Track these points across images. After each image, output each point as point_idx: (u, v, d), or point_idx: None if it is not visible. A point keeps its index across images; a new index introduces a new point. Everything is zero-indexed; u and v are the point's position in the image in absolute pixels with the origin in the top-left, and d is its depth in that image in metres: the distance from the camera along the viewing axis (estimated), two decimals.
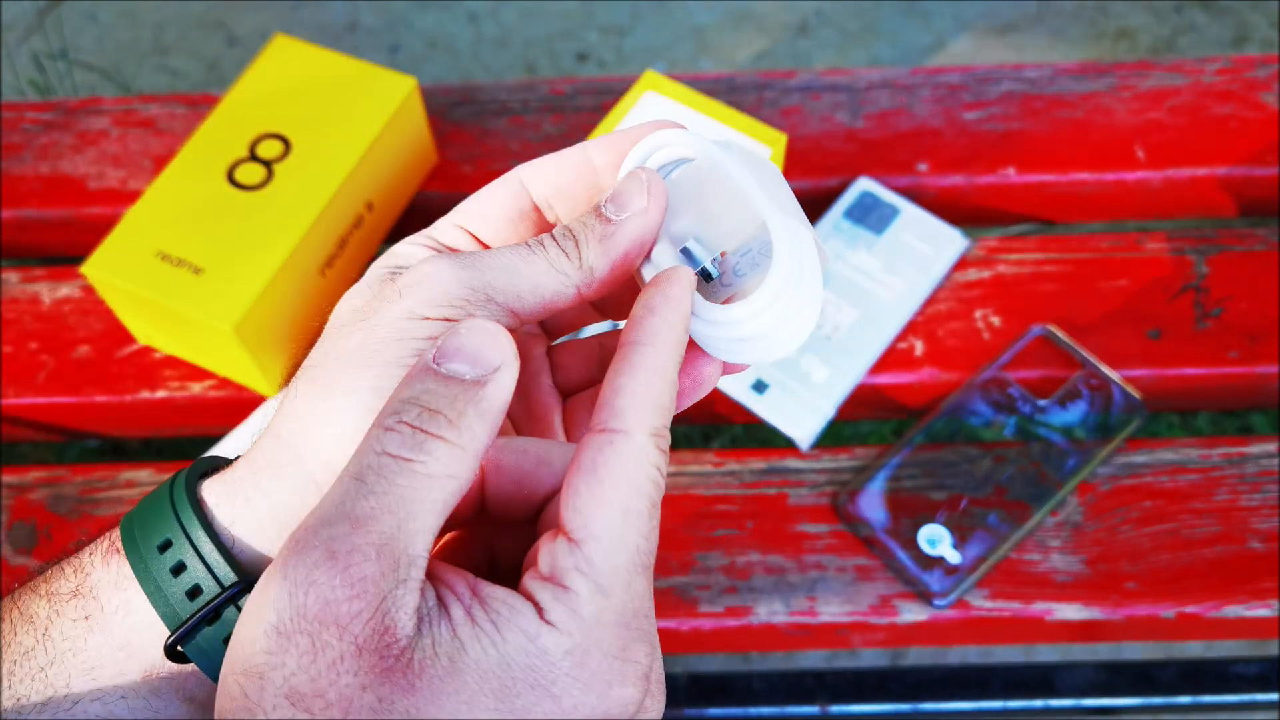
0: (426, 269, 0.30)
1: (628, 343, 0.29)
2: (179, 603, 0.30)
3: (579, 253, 0.31)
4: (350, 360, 0.30)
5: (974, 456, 0.60)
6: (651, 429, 0.28)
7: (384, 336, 0.29)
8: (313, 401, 0.30)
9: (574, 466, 0.28)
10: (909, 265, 0.65)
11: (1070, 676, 0.68)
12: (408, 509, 0.26)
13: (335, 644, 0.25)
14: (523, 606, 0.26)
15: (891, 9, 1.56)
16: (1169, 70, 0.73)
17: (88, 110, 0.76)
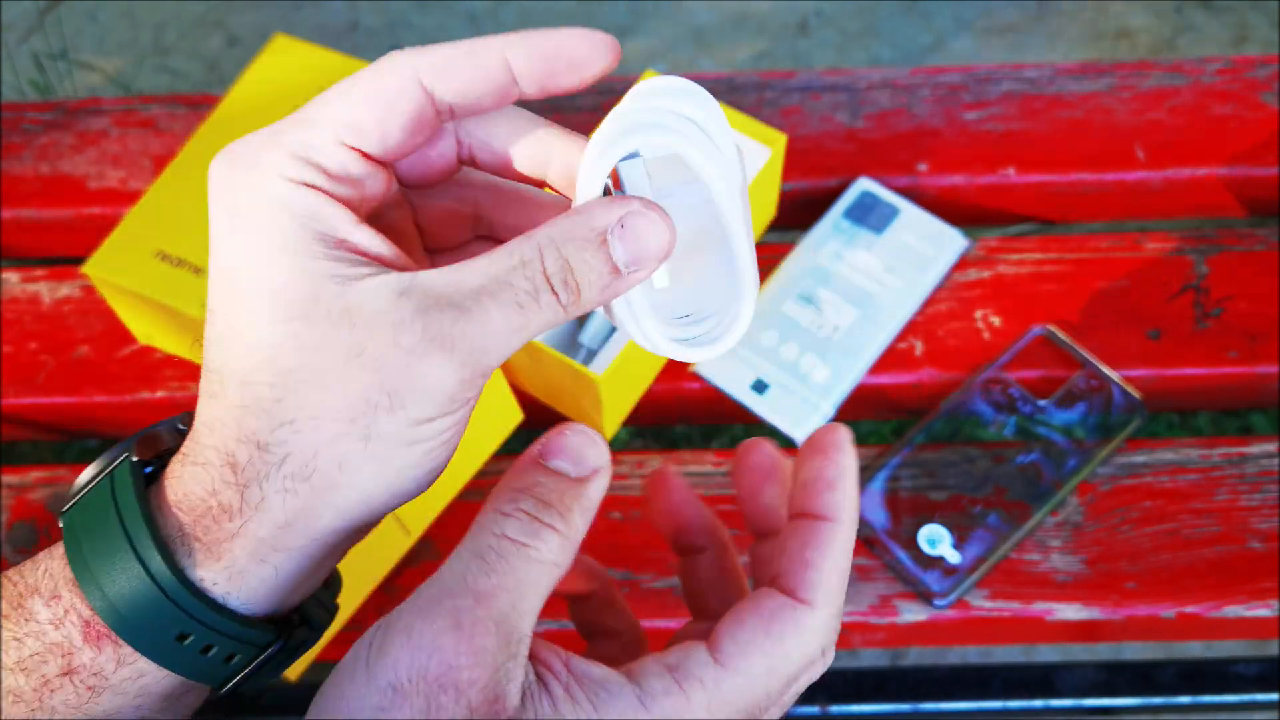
0: (426, 377, 0.27)
1: (816, 515, 0.31)
2: (217, 667, 0.30)
3: (579, 300, 0.29)
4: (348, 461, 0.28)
5: (974, 456, 0.60)
6: (836, 609, 0.30)
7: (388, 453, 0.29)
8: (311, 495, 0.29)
9: (752, 608, 0.30)
10: (909, 265, 0.65)
11: (1070, 676, 0.68)
12: (520, 590, 0.28)
13: (451, 706, 0.26)
14: (619, 689, 0.28)
15: (891, 9, 1.56)
16: (1169, 70, 0.73)
17: (88, 110, 0.76)
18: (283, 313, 0.28)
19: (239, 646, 0.30)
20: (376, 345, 0.27)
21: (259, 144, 0.29)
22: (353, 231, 0.29)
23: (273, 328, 0.28)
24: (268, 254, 0.28)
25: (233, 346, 0.28)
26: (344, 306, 0.27)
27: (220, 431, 0.28)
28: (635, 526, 0.60)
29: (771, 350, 0.63)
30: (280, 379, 0.28)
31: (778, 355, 0.63)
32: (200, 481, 0.29)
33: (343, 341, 0.27)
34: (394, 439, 0.28)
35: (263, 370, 0.28)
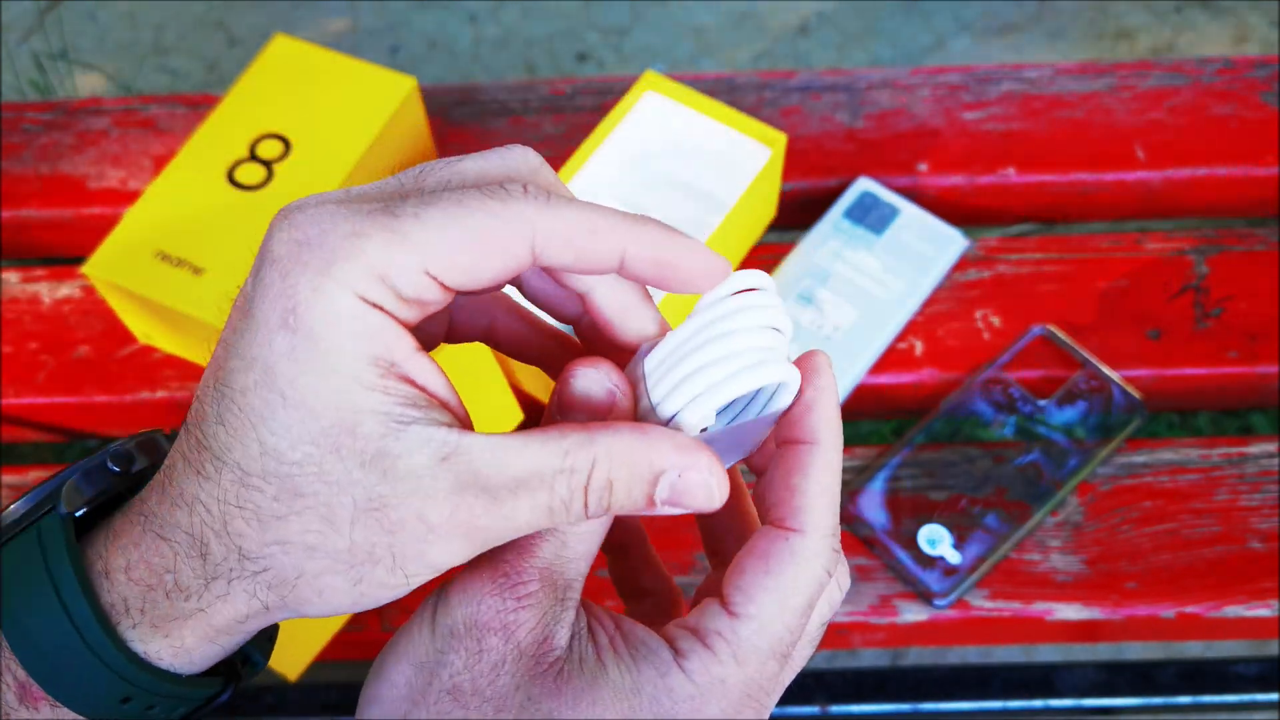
0: (439, 555, 0.27)
1: (796, 440, 0.31)
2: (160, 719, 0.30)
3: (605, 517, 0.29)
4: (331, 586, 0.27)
5: (974, 456, 0.60)
6: (828, 530, 0.30)
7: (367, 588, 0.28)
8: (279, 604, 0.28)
9: (748, 550, 0.30)
10: (909, 265, 0.65)
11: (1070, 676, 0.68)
12: (563, 541, 0.29)
13: (500, 646, 0.29)
14: (659, 646, 0.30)
15: (891, 9, 1.56)
16: (1169, 70, 0.73)
17: (88, 110, 0.76)
18: (314, 435, 0.26)
19: (183, 703, 0.30)
20: (400, 510, 0.26)
21: (337, 244, 0.26)
22: (410, 360, 0.27)
23: (297, 447, 0.26)
24: (317, 368, 0.26)
25: (245, 439, 0.26)
26: (379, 451, 0.26)
27: (200, 517, 0.27)
28: None
29: None
30: (288, 501, 0.26)
31: None
32: (161, 555, 0.27)
33: (366, 490, 0.26)
34: (381, 585, 0.27)
35: (271, 483, 0.26)
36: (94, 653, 0.27)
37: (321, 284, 0.26)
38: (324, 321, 0.26)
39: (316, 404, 0.26)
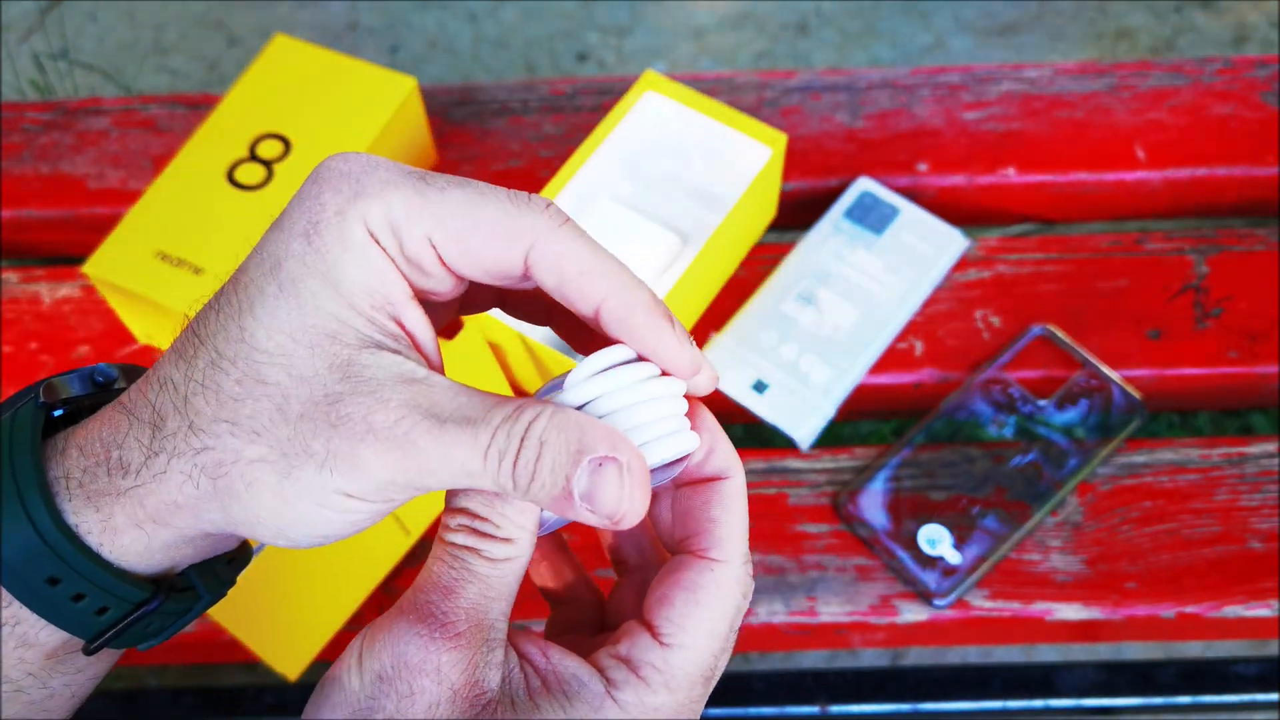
0: (365, 459, 0.27)
1: (712, 475, 0.33)
2: (89, 619, 0.30)
3: (528, 491, 0.28)
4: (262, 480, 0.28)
5: (974, 456, 0.60)
6: (745, 557, 0.32)
7: (299, 495, 0.28)
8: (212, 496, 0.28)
9: (674, 581, 0.32)
10: (909, 265, 0.65)
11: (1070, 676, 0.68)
12: (484, 583, 0.30)
13: (433, 689, 0.29)
14: (590, 679, 0.31)
15: (891, 9, 1.56)
16: (1169, 70, 0.73)
17: (88, 110, 0.76)
18: (295, 328, 0.28)
19: (110, 599, 0.30)
20: (349, 406, 0.27)
21: (370, 184, 0.29)
22: (404, 305, 0.29)
23: (273, 336, 0.28)
24: (322, 277, 0.28)
25: (228, 324, 0.28)
26: (350, 359, 0.28)
27: (167, 394, 0.28)
28: None
29: (771, 350, 0.63)
30: (249, 385, 0.28)
31: (778, 355, 0.63)
32: (116, 429, 0.29)
33: (325, 386, 0.28)
34: (306, 491, 0.28)
35: (239, 365, 0.28)
36: (30, 519, 0.28)
37: (346, 210, 0.29)
38: (340, 243, 0.28)
39: (309, 304, 0.28)
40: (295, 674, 0.56)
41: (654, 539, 0.37)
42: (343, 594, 0.57)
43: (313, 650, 0.57)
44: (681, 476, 0.33)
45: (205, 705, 0.67)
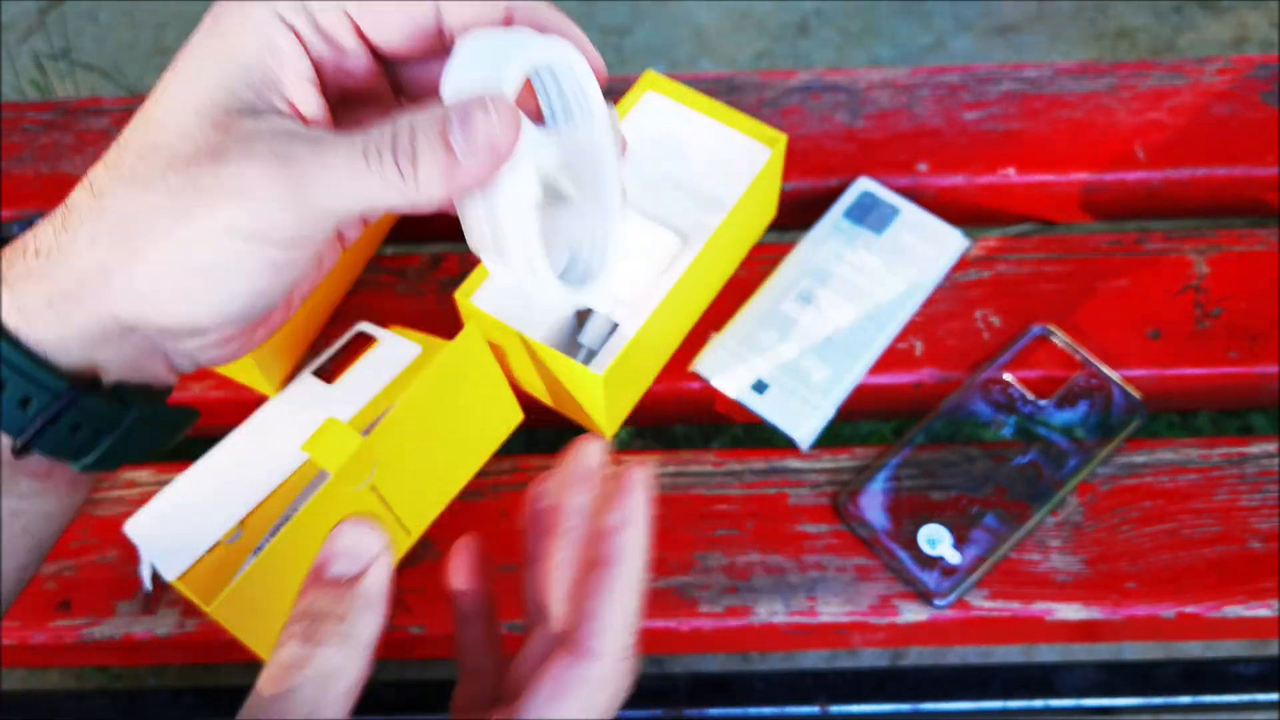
0: (250, 177, 0.29)
1: (600, 560, 0.33)
2: (13, 412, 0.30)
3: (416, 176, 0.29)
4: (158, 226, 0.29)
5: (974, 456, 0.60)
6: (622, 651, 0.34)
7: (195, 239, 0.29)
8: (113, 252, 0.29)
9: (544, 669, 0.33)
10: (909, 265, 0.65)
11: (1070, 676, 0.68)
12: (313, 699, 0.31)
13: None
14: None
15: (891, 9, 1.56)
16: (1169, 70, 0.73)
17: (88, 110, 0.76)
18: (186, 101, 0.31)
19: (30, 388, 0.30)
20: (234, 148, 0.29)
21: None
22: (297, 86, 0.31)
23: (170, 112, 0.31)
24: (214, 55, 0.31)
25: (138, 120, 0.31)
26: (230, 122, 0.30)
27: (83, 188, 0.31)
28: None
29: (771, 350, 0.63)
30: (144, 152, 0.30)
31: (777, 355, 0.63)
32: (39, 231, 0.31)
33: (211, 139, 0.30)
34: (202, 233, 0.29)
35: (137, 138, 0.31)
36: None
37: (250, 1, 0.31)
38: (239, 26, 0.30)
39: (199, 80, 0.30)
40: None
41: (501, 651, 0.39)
42: None
43: None
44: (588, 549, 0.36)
45: (205, 705, 0.67)
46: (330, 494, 0.51)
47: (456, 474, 0.61)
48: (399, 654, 0.61)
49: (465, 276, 0.67)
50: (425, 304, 0.67)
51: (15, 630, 0.59)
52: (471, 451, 0.61)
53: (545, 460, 0.63)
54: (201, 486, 0.58)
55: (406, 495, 0.57)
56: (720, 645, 0.59)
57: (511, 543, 0.60)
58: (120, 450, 0.33)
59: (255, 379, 0.63)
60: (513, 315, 0.59)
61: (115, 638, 0.59)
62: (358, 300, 0.67)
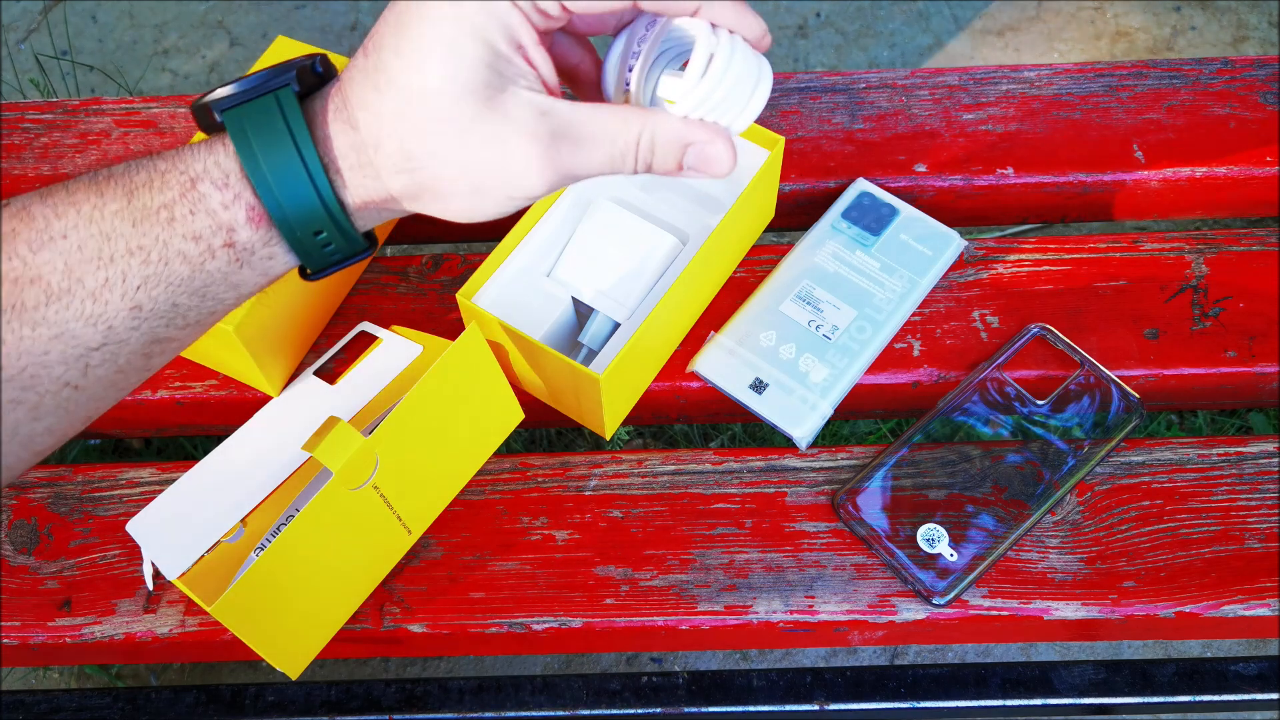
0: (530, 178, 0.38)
1: None
2: (325, 260, 0.41)
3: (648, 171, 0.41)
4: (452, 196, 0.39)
5: (972, 456, 0.60)
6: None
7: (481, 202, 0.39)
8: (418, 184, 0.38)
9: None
10: (907, 266, 0.65)
11: (1069, 675, 0.68)
12: None
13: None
14: None
15: (890, 10, 1.56)
16: (1168, 71, 0.74)
17: (88, 110, 0.76)
18: (459, 73, 0.36)
19: (346, 249, 0.40)
20: (513, 142, 0.37)
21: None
22: (533, 49, 0.38)
23: (444, 79, 0.36)
24: (471, 30, 0.37)
25: (406, 68, 0.36)
26: (501, 100, 0.37)
27: (381, 124, 0.37)
28: (635, 525, 0.60)
29: (770, 350, 0.63)
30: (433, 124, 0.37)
31: (776, 355, 0.63)
32: (352, 140, 0.38)
33: (490, 123, 0.37)
34: (489, 199, 0.39)
35: (427, 102, 0.37)
36: (315, 188, 0.38)
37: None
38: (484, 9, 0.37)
39: (464, 52, 0.37)
40: (296, 672, 0.57)
41: None
42: (343, 592, 0.57)
43: (314, 649, 0.57)
44: None
45: (206, 704, 0.67)
46: (332, 493, 0.51)
47: (457, 473, 0.61)
48: (399, 654, 0.61)
49: (466, 277, 0.67)
50: (427, 304, 0.67)
51: (15, 630, 0.59)
52: (472, 451, 0.61)
53: (545, 460, 0.64)
54: (204, 486, 0.59)
55: (408, 494, 0.57)
56: (719, 643, 0.59)
57: (511, 542, 0.61)
58: None
59: (257, 379, 0.63)
60: (513, 316, 0.59)
61: (117, 637, 0.59)
62: (359, 300, 0.67)
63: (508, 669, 1.09)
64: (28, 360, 0.34)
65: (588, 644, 0.59)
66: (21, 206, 0.36)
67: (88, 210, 0.36)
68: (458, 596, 0.59)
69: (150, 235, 0.36)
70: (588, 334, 0.61)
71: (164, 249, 0.37)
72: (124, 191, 0.37)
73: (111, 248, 0.36)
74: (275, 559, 0.51)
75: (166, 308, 0.37)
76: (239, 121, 0.37)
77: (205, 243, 0.37)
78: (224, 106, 0.38)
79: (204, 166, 0.38)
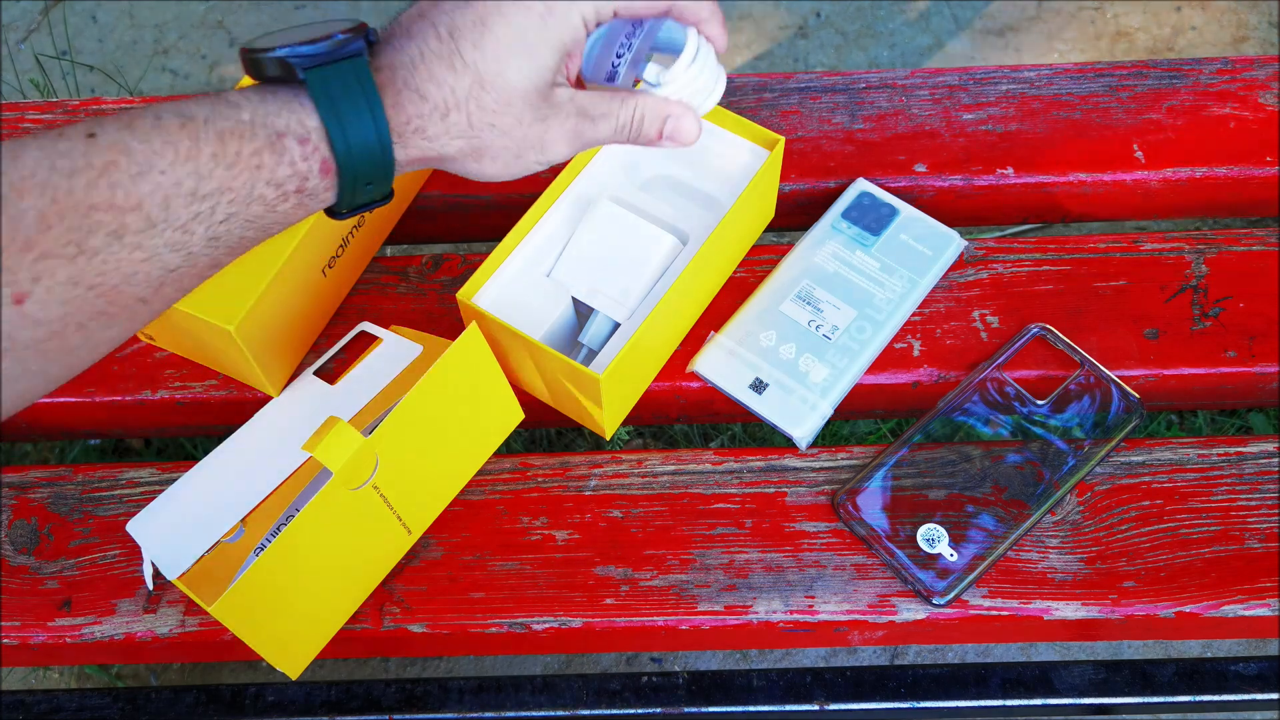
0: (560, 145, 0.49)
1: None
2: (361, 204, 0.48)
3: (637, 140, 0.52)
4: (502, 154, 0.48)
5: (972, 456, 0.60)
6: None
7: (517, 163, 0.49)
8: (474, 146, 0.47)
9: None
10: (907, 266, 0.65)
11: (1068, 675, 0.68)
12: None
13: None
14: None
15: (890, 10, 1.56)
16: (1168, 71, 0.74)
17: (88, 110, 0.76)
18: (533, 74, 0.46)
19: (381, 196, 0.47)
20: (554, 122, 0.48)
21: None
22: (576, 55, 0.50)
23: (523, 77, 0.46)
24: (552, 44, 0.46)
25: (485, 59, 0.45)
26: (553, 94, 0.48)
27: (447, 94, 0.45)
28: (635, 525, 0.60)
29: (770, 350, 0.63)
30: (502, 106, 0.46)
31: (776, 355, 0.63)
32: (417, 107, 0.45)
33: (542, 109, 0.47)
34: (521, 163, 0.48)
35: (496, 92, 0.45)
36: (381, 148, 0.44)
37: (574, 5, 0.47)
38: (565, 22, 0.46)
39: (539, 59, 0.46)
40: (296, 672, 0.57)
41: None
42: (344, 592, 0.57)
43: (314, 649, 0.57)
44: None
45: (206, 704, 0.67)
46: (332, 493, 0.51)
47: (457, 473, 0.61)
48: (399, 654, 0.61)
49: (466, 277, 0.67)
50: (427, 304, 0.67)
51: (15, 630, 0.59)
52: (472, 450, 0.61)
53: (545, 460, 0.64)
54: (204, 486, 0.59)
55: (408, 494, 0.57)
56: (719, 643, 0.59)
57: (511, 542, 0.61)
58: None
59: (257, 379, 0.63)
60: (513, 316, 0.59)
61: (117, 637, 0.59)
62: (359, 300, 0.67)
63: (508, 669, 1.09)
64: (118, 278, 0.39)
65: (588, 644, 0.59)
66: (117, 140, 0.39)
67: (185, 149, 0.40)
68: (457, 596, 0.59)
69: (240, 179, 0.42)
70: (588, 334, 0.61)
71: (249, 191, 0.42)
72: (215, 136, 0.41)
73: (205, 186, 0.40)
74: (275, 559, 0.51)
75: (235, 239, 0.43)
76: (324, 85, 0.43)
77: (283, 189, 0.43)
78: (307, 65, 0.43)
79: (287, 123, 0.43)
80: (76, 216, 0.37)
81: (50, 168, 0.37)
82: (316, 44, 0.43)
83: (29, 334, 0.37)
